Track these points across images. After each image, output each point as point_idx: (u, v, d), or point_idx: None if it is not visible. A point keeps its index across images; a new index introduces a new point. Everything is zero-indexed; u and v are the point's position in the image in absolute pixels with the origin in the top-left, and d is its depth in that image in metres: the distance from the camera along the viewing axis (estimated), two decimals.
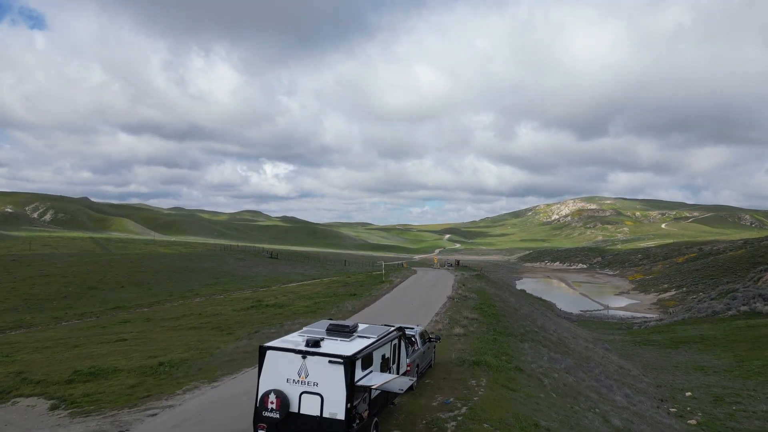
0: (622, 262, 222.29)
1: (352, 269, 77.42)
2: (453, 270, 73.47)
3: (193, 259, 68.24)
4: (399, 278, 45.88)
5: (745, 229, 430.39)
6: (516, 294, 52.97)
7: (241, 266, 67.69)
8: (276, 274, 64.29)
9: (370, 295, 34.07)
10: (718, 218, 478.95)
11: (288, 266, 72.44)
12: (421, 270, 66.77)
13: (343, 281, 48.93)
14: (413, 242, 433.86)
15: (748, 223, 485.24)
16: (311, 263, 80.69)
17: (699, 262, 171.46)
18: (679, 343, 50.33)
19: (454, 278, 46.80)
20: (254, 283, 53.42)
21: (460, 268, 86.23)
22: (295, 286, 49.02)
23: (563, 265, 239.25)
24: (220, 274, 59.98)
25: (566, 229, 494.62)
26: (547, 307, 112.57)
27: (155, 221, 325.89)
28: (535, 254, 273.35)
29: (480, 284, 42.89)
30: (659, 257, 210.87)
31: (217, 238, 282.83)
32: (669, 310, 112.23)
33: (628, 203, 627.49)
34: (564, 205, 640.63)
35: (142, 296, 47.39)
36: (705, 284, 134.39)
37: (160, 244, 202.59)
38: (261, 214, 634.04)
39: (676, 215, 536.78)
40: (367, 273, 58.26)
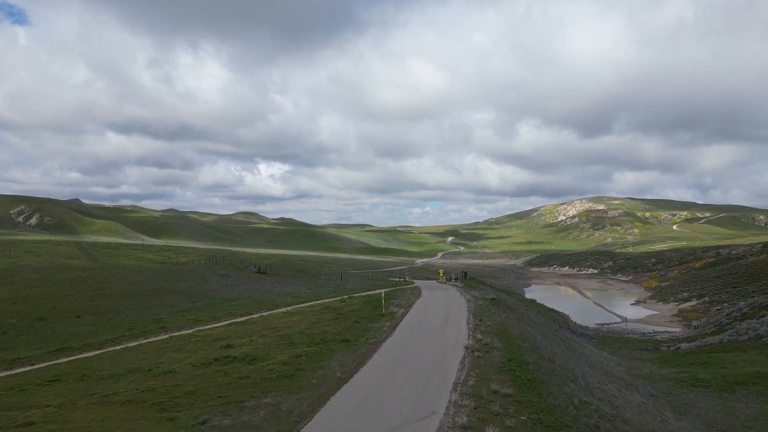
0: (635, 266, 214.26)
1: (349, 284, 69.80)
2: (461, 285, 65.72)
3: (170, 277, 60.77)
4: (401, 307, 37.99)
5: (760, 230, 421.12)
6: (535, 321, 44.96)
7: (223, 285, 60.16)
8: (262, 294, 56.67)
9: (366, 342, 26.14)
10: (730, 219, 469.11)
11: (277, 283, 64.92)
12: (426, 288, 59.14)
13: (337, 309, 41.13)
14: (415, 245, 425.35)
15: (763, 224, 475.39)
16: (304, 278, 73.20)
17: (718, 268, 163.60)
18: (734, 384, 42.36)
19: (466, 307, 38.98)
20: (234, 310, 45.76)
21: (468, 282, 78.68)
22: (280, 315, 41.30)
23: (573, 269, 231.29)
24: (198, 297, 52.40)
25: (573, 231, 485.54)
26: (562, 321, 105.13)
27: (146, 225, 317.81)
28: (542, 258, 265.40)
29: (499, 317, 35.05)
30: (674, 262, 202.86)
31: (210, 242, 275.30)
32: (692, 323, 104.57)
33: (637, 203, 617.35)
34: (570, 205, 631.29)
35: (97, 330, 39.88)
36: (729, 293, 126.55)
37: (149, 249, 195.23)
38: (257, 216, 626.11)
39: (687, 216, 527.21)
40: (365, 296, 50.45)
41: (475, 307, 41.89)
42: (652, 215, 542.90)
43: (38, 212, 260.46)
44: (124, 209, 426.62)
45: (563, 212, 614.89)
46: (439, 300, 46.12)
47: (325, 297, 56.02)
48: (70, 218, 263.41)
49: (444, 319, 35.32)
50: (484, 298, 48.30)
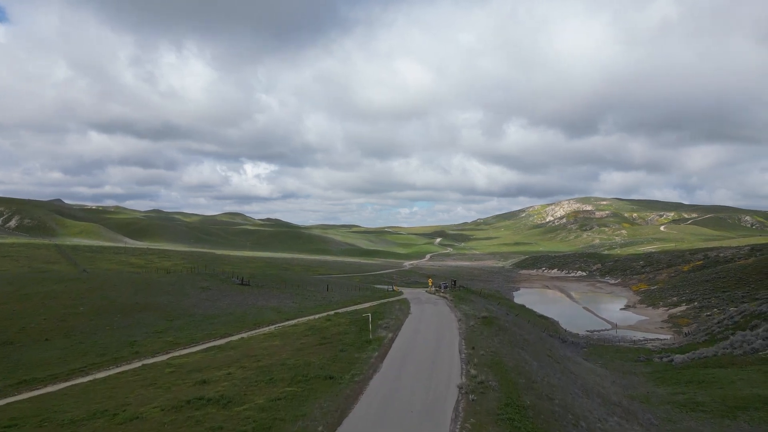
0: (624, 269, 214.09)
1: (336, 296, 67.73)
2: (450, 298, 63.96)
3: (148, 291, 58.36)
4: (389, 330, 36.21)
5: (746, 232, 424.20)
6: (528, 340, 43.30)
7: (204, 299, 57.84)
8: (244, 310, 54.46)
9: (351, 380, 24.17)
10: (717, 220, 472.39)
11: (261, 296, 62.69)
12: (415, 301, 57.35)
13: (322, 330, 39.28)
14: (402, 246, 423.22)
15: (749, 225, 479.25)
16: (289, 289, 70.97)
17: (707, 272, 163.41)
18: (735, 408, 40.81)
19: (457, 329, 37.48)
20: (213, 330, 43.54)
21: (457, 291, 76.94)
22: (262, 338, 39.30)
23: (561, 272, 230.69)
24: (177, 314, 50.08)
25: (562, 232, 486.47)
26: (553, 329, 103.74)
27: (129, 226, 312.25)
28: (531, 260, 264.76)
29: (492, 342, 33.44)
30: (663, 264, 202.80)
31: (194, 245, 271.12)
32: (683, 329, 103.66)
33: (624, 204, 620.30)
34: (558, 206, 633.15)
35: (66, 356, 37.51)
36: (718, 298, 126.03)
37: (132, 252, 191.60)
38: (243, 217, 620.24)
39: (674, 217, 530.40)
40: (351, 312, 48.55)
41: (466, 328, 39.96)
42: (640, 216, 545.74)
43: (18, 214, 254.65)
44: (107, 210, 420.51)
45: (551, 213, 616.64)
46: (429, 320, 44.12)
47: (310, 312, 53.96)
48: (51, 220, 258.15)
49: (435, 347, 33.30)
50: (475, 316, 46.38)
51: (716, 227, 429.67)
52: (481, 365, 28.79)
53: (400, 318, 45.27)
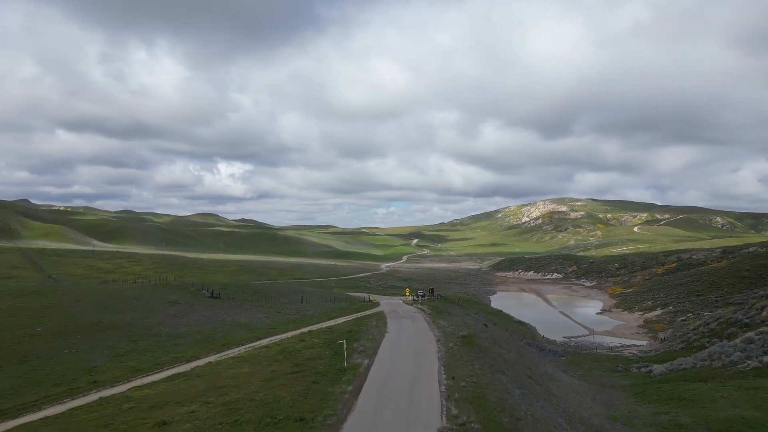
0: (599, 271, 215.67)
1: (311, 308, 65.75)
2: (428, 311, 62.57)
3: (112, 306, 55.74)
4: (365, 355, 34.72)
5: (717, 232, 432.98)
6: (509, 361, 42.08)
7: (171, 315, 55.38)
8: (213, 327, 52.20)
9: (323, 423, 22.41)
10: (689, 221, 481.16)
11: (231, 310, 60.38)
12: (392, 315, 55.91)
13: (295, 354, 37.54)
14: (379, 248, 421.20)
15: (720, 226, 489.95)
16: (261, 301, 68.72)
17: (681, 275, 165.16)
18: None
19: (436, 352, 36.27)
20: (180, 351, 41.33)
21: (435, 302, 75.50)
22: (230, 363, 37.26)
23: (537, 274, 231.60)
24: (141, 333, 47.64)
25: (537, 233, 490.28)
26: (530, 335, 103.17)
27: (99, 228, 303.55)
28: (507, 262, 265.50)
29: (473, 368, 32.23)
30: (637, 267, 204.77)
31: (166, 247, 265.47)
32: (659, 335, 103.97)
33: (598, 205, 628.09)
34: (534, 207, 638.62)
35: (19, 386, 34.94)
36: (692, 303, 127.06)
37: (100, 256, 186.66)
38: (217, 217, 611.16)
39: (647, 217, 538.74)
40: (327, 330, 46.76)
41: (445, 351, 38.40)
42: (614, 216, 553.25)
43: None
44: (75, 211, 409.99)
45: (527, 213, 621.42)
46: (406, 341, 42.45)
47: (282, 329, 51.87)
48: (16, 222, 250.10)
49: (413, 377, 31.60)
50: (455, 335, 44.91)
51: (688, 228, 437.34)
52: (462, 400, 27.22)
53: (376, 338, 43.50)
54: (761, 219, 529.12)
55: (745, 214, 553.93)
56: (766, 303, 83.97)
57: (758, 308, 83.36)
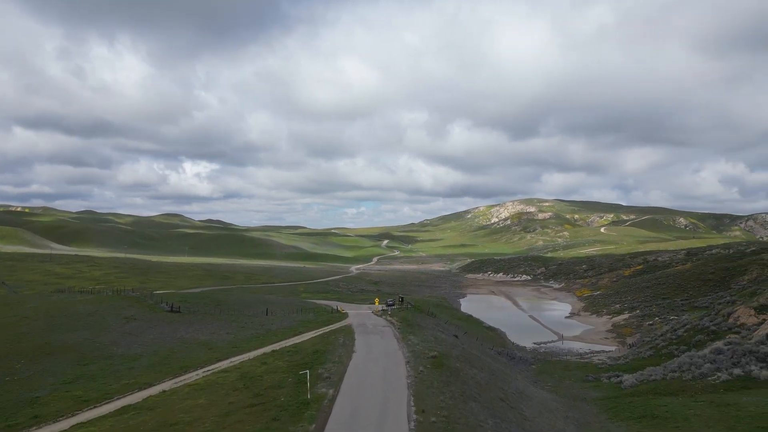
0: (567, 273, 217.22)
1: (276, 322, 63.21)
2: (398, 325, 60.73)
3: (63, 324, 52.32)
4: (330, 384, 32.36)
5: (681, 233, 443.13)
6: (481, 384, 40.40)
7: (127, 333, 52.24)
8: (171, 346, 49.28)
9: None
10: (654, 221, 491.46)
11: (192, 326, 57.44)
12: (360, 330, 53.90)
13: (256, 380, 35.09)
14: (349, 249, 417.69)
15: (683, 226, 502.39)
16: (224, 315, 65.80)
17: (647, 277, 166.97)
18: None
19: (405, 378, 34.15)
20: (132, 377, 38.46)
21: (405, 313, 73.70)
22: (186, 393, 34.85)
23: (507, 276, 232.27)
24: (92, 356, 44.55)
25: (506, 234, 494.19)
26: (501, 342, 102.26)
27: (58, 230, 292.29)
28: (477, 264, 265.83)
29: (444, 397, 30.59)
30: (604, 268, 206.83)
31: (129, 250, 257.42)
32: (627, 340, 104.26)
33: (566, 205, 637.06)
34: (503, 207, 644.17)
35: None
36: (659, 306, 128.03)
37: (58, 260, 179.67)
38: (182, 218, 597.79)
39: (613, 218, 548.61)
40: (291, 350, 44.47)
41: (415, 377, 36.52)
42: (581, 217, 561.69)
43: None
44: (33, 212, 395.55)
45: (496, 214, 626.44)
46: (374, 364, 40.45)
47: (245, 348, 49.26)
48: None
49: (381, 411, 29.63)
50: (424, 355, 43.14)
51: (653, 229, 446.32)
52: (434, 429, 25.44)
53: (343, 360, 41.34)
54: (722, 220, 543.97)
55: (707, 214, 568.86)
56: (731, 309, 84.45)
57: (724, 315, 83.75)
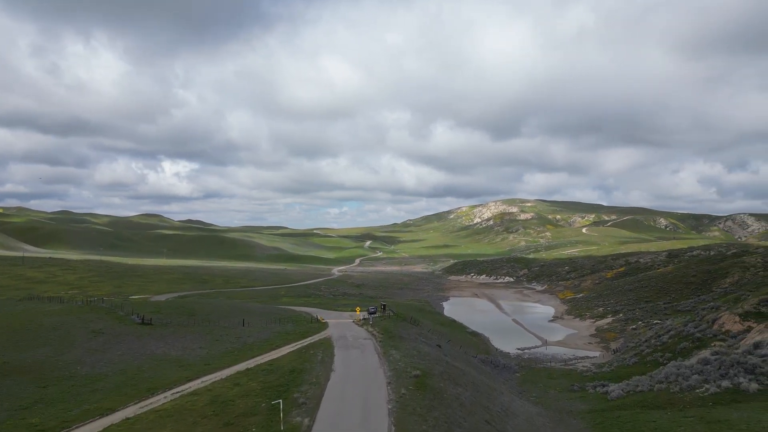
0: (550, 275, 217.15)
1: (253, 335, 60.81)
2: (380, 336, 58.76)
3: (25, 339, 49.56)
4: (307, 411, 30.51)
5: (661, 233, 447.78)
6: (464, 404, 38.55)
7: (93, 350, 49.53)
8: (139, 364, 46.70)
9: None
10: (634, 222, 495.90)
11: (163, 340, 54.87)
12: (340, 344, 51.95)
13: (227, 405, 33.04)
14: (332, 250, 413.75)
15: (663, 227, 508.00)
16: (198, 327, 63.24)
17: (629, 280, 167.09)
18: None
19: (386, 402, 32.50)
20: (94, 401, 36.02)
21: (387, 322, 71.79)
22: (152, 419, 32.83)
23: (490, 278, 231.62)
24: (53, 376, 41.88)
25: (489, 234, 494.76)
26: (484, 347, 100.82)
27: (32, 232, 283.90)
28: (460, 266, 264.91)
29: (427, 426, 28.43)
30: (587, 270, 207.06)
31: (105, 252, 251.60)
32: (611, 345, 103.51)
33: (548, 206, 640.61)
34: (485, 207, 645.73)
35: None
36: (642, 310, 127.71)
37: (31, 264, 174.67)
38: (161, 218, 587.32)
39: (594, 218, 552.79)
40: (267, 368, 42.26)
41: (396, 401, 34.64)
42: (563, 218, 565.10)
43: None
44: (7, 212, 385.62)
45: (478, 215, 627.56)
46: (354, 385, 38.52)
47: (218, 365, 46.82)
48: None
49: None
50: (407, 374, 41.32)
51: (634, 229, 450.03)
52: None
53: (320, 381, 39.20)
54: (701, 220, 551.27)
55: (686, 215, 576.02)
56: (715, 315, 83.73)
57: (709, 321, 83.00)
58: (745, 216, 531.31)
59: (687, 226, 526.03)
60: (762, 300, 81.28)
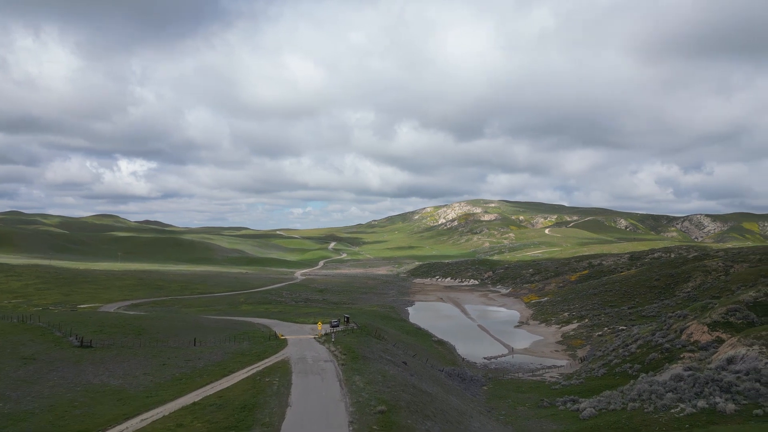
0: (514, 277, 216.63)
1: (205, 356, 56.25)
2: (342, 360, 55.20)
3: None
4: None
5: (622, 234, 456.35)
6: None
7: (21, 380, 44.36)
8: (73, 397, 41.89)
9: None
10: (596, 222, 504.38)
11: (103, 365, 49.89)
12: (299, 376, 48.50)
13: None
14: (295, 252, 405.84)
15: (623, 227, 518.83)
16: (145, 347, 58.35)
17: (593, 283, 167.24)
18: None
19: None
20: None
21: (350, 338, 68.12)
22: None
23: (455, 281, 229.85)
24: None
25: (453, 235, 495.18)
26: (450, 357, 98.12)
27: None
28: (425, 268, 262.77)
29: None
30: (551, 273, 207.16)
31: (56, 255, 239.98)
32: (577, 352, 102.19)
33: (511, 207, 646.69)
34: (450, 208, 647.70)
35: None
36: (607, 315, 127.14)
37: None
38: (116, 218, 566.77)
39: (557, 219, 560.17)
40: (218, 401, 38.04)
41: None
42: (526, 218, 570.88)
43: None
44: None
45: (443, 215, 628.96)
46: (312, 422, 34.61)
47: (162, 397, 42.13)
48: None
49: None
50: (371, 410, 37.88)
51: (595, 230, 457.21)
52: None
53: (273, 422, 35.20)
54: (660, 221, 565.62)
55: (645, 215, 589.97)
56: (683, 325, 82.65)
57: (677, 331, 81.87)
58: (701, 217, 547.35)
59: (646, 226, 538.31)
60: (729, 310, 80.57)
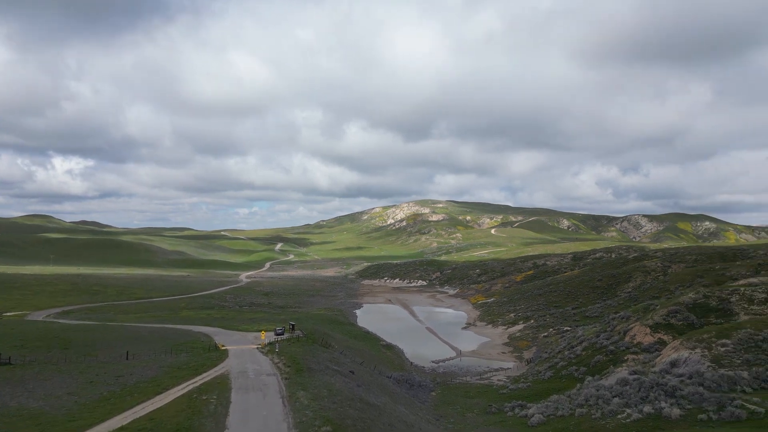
0: (461, 278, 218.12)
1: (137, 371, 52.56)
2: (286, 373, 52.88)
3: None
4: None
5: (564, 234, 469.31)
6: None
7: None
8: None
9: None
10: (540, 223, 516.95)
11: (22, 385, 45.77)
12: (239, 392, 45.95)
13: None
14: (240, 254, 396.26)
15: (566, 227, 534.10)
16: (71, 362, 54.23)
17: (538, 284, 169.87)
18: None
19: None
20: None
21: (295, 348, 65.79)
22: None
23: (403, 282, 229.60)
24: None
25: (402, 236, 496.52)
26: (399, 362, 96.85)
27: None
28: (374, 269, 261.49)
29: None
30: (497, 273, 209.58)
31: None
32: (524, 355, 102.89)
33: (458, 207, 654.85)
34: (398, 209, 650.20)
35: None
36: (552, 316, 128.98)
37: None
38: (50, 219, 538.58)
39: (503, 219, 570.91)
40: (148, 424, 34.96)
41: None
42: (472, 218, 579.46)
43: None
44: None
45: (392, 215, 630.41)
46: None
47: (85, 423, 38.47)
48: None
49: None
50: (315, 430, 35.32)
51: (539, 230, 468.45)
52: None
53: None
54: (601, 221, 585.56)
55: (587, 216, 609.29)
56: (627, 327, 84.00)
57: (620, 332, 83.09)
58: (639, 217, 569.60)
59: (588, 226, 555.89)
60: (670, 311, 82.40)
